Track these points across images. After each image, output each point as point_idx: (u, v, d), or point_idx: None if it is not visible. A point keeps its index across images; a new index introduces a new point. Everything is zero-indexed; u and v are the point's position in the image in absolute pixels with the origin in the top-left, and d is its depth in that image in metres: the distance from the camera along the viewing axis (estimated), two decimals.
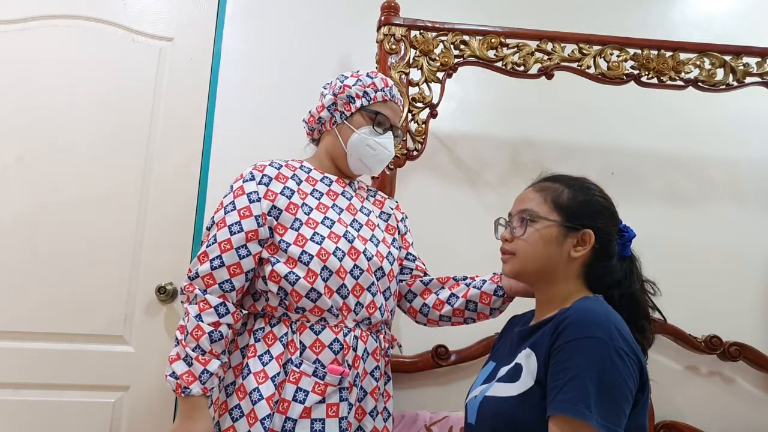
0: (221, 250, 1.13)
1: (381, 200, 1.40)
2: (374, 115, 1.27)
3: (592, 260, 1.01)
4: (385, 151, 1.28)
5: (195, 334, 1.09)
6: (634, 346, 0.89)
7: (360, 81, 1.28)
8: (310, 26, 1.95)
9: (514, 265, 1.05)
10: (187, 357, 1.08)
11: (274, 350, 1.14)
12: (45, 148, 1.75)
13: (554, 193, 1.03)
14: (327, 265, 1.14)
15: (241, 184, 1.20)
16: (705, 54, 1.74)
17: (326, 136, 1.33)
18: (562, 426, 0.83)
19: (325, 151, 1.33)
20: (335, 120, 1.30)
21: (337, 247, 1.17)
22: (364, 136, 1.26)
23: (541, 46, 1.70)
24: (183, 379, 1.06)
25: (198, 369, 1.08)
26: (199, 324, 1.09)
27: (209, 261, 1.12)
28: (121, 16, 1.86)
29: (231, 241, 1.13)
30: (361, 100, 1.27)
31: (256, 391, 1.10)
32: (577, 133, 1.99)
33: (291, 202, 1.19)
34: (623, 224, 1.06)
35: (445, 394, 1.79)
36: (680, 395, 1.87)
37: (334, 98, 1.28)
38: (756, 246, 1.99)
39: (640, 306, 1.02)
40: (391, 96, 1.31)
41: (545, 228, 1.01)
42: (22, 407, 1.64)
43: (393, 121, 1.31)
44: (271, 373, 1.11)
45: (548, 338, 0.92)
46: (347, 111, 1.28)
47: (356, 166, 1.30)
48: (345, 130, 1.28)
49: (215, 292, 1.12)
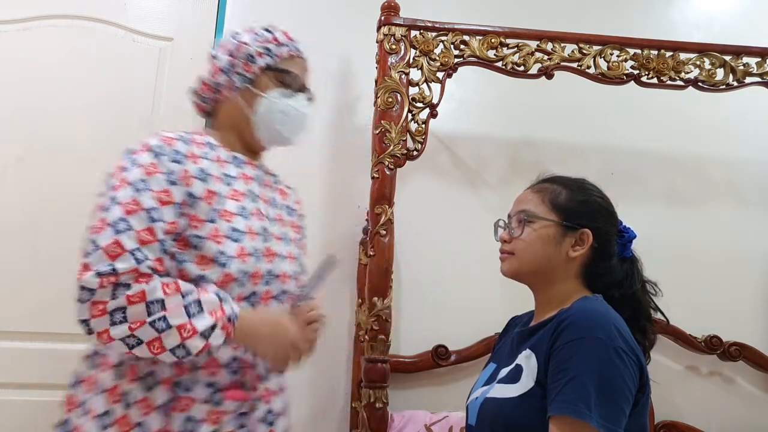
0: (140, 241, 0.88)
1: (285, 190, 1.22)
2: (283, 75, 1.09)
3: (592, 260, 1.01)
4: (300, 115, 1.12)
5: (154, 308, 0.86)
6: (633, 345, 0.89)
7: (258, 36, 1.09)
8: (310, 26, 1.95)
9: (512, 264, 1.05)
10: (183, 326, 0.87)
11: (159, 371, 0.93)
12: (45, 148, 1.74)
13: (552, 194, 1.04)
14: (245, 268, 0.97)
15: (152, 160, 0.95)
16: (705, 54, 1.74)
17: (225, 106, 1.11)
18: (562, 426, 0.83)
19: (226, 123, 1.11)
20: (235, 85, 1.08)
21: (255, 246, 1.00)
22: (274, 101, 1.08)
23: (541, 46, 1.70)
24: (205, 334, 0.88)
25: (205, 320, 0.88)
26: (147, 299, 0.86)
27: (130, 254, 0.87)
28: (121, 16, 1.86)
29: (153, 231, 0.90)
30: (264, 58, 1.08)
31: (138, 428, 0.90)
32: (576, 133, 1.99)
33: (207, 189, 0.98)
34: (623, 225, 1.06)
35: (445, 394, 1.79)
36: (680, 395, 1.87)
37: (231, 59, 1.07)
38: (756, 246, 1.99)
39: (641, 307, 1.02)
40: (298, 51, 1.14)
41: (543, 228, 1.01)
42: (22, 407, 1.64)
43: (304, 81, 1.14)
44: (158, 401, 0.91)
45: (548, 339, 0.92)
46: (249, 73, 1.07)
47: (268, 138, 1.12)
48: (249, 96, 1.08)
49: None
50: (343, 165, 1.90)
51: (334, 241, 1.86)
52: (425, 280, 1.86)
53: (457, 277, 1.86)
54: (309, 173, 1.87)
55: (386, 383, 1.53)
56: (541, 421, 0.87)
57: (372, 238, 1.57)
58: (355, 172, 1.85)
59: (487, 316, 1.75)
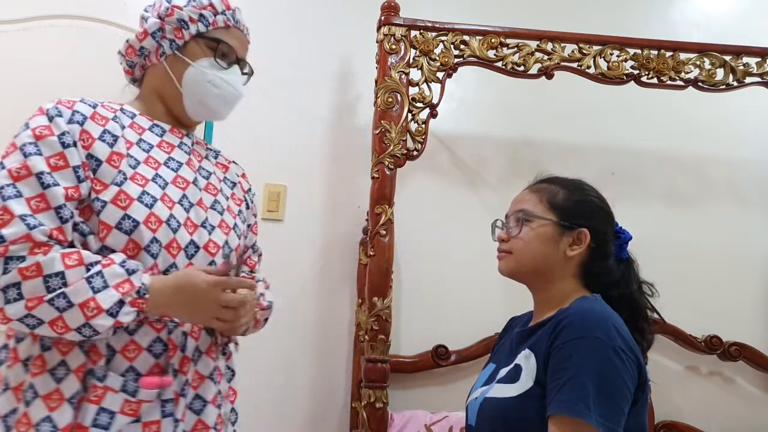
0: (32, 208, 0.80)
1: (225, 164, 1.15)
2: (215, 44, 1.02)
3: (589, 260, 1.01)
4: (231, 89, 1.03)
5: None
6: (632, 344, 0.90)
7: (193, 1, 1.01)
8: (310, 26, 1.95)
9: (510, 263, 1.05)
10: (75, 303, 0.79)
11: (71, 360, 0.84)
12: None
13: (550, 194, 1.04)
14: (157, 236, 0.88)
15: (45, 122, 0.87)
16: (705, 54, 1.74)
17: (152, 72, 1.04)
18: (561, 426, 0.83)
19: (152, 91, 1.04)
20: (163, 50, 1.01)
21: (172, 214, 0.91)
22: (204, 70, 1.00)
23: (541, 46, 1.70)
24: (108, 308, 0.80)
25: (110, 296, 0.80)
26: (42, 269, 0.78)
27: (19, 219, 0.78)
28: (121, 16, 1.86)
29: (46, 197, 0.81)
30: (196, 24, 1.00)
31: (46, 422, 0.81)
32: (576, 133, 1.99)
33: (114, 151, 0.89)
34: (619, 227, 1.06)
35: (445, 394, 1.79)
36: (680, 395, 1.87)
37: (160, 22, 1.00)
38: (756, 246, 1.99)
39: (638, 307, 1.02)
40: (235, 21, 1.05)
41: (541, 227, 1.02)
42: None
43: (239, 53, 1.06)
44: (68, 393, 0.82)
45: (547, 338, 0.92)
46: (179, 39, 1.00)
47: (195, 110, 1.04)
48: (178, 64, 1.01)
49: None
50: (343, 165, 1.90)
51: (334, 241, 1.86)
52: (425, 280, 1.86)
53: (457, 277, 1.86)
54: (309, 173, 1.88)
55: (386, 383, 1.53)
56: (541, 421, 0.87)
57: (372, 238, 1.57)
58: (355, 172, 1.85)
59: (487, 316, 1.75)
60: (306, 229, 1.86)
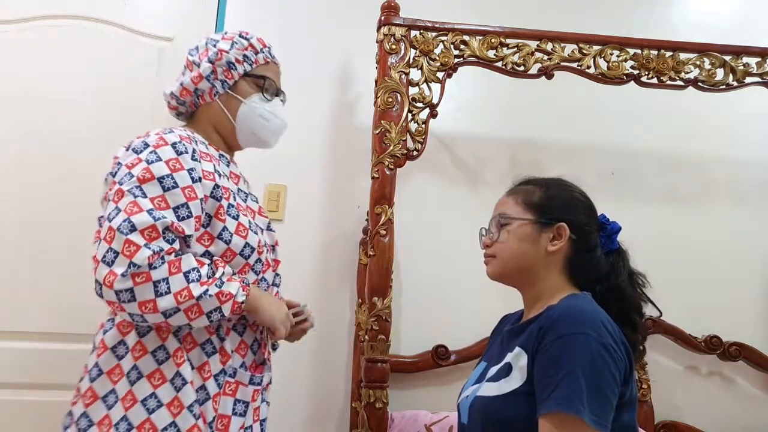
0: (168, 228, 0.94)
1: (246, 180, 1.27)
2: (261, 81, 1.16)
3: (573, 253, 1.02)
4: (278, 120, 1.19)
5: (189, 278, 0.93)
6: (621, 340, 0.90)
7: (236, 44, 1.15)
8: (310, 26, 1.95)
9: (495, 267, 1.06)
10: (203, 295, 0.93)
11: (194, 358, 1.00)
12: (45, 148, 1.74)
13: (526, 194, 1.06)
14: (261, 258, 1.08)
15: (174, 156, 0.99)
16: (705, 54, 1.74)
17: (206, 109, 1.17)
18: (556, 423, 0.83)
19: (208, 124, 1.17)
20: (216, 90, 1.14)
21: (259, 239, 1.09)
22: (254, 106, 1.15)
23: (541, 46, 1.70)
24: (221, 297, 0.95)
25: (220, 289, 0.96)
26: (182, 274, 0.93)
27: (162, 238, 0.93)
28: (121, 16, 1.86)
29: (180, 228, 0.96)
30: (242, 65, 1.14)
31: (188, 412, 0.96)
32: (576, 133, 1.99)
33: (222, 186, 1.05)
34: (605, 218, 1.06)
35: (445, 394, 1.79)
36: (680, 395, 1.87)
37: (212, 66, 1.13)
38: (756, 246, 1.99)
39: (630, 299, 1.02)
40: (272, 57, 1.20)
41: (520, 227, 1.03)
42: (22, 407, 1.64)
43: (278, 85, 1.21)
44: (210, 389, 1.00)
45: (536, 336, 0.92)
46: (229, 79, 1.14)
47: (248, 140, 1.19)
48: (231, 102, 1.15)
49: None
50: (343, 165, 1.90)
51: (334, 241, 1.86)
52: (425, 280, 1.86)
53: (457, 277, 1.86)
54: (309, 173, 1.88)
55: (386, 383, 1.53)
56: (531, 419, 0.87)
57: (372, 238, 1.57)
58: (355, 172, 1.85)
59: (487, 316, 1.73)
60: (306, 229, 1.85)
